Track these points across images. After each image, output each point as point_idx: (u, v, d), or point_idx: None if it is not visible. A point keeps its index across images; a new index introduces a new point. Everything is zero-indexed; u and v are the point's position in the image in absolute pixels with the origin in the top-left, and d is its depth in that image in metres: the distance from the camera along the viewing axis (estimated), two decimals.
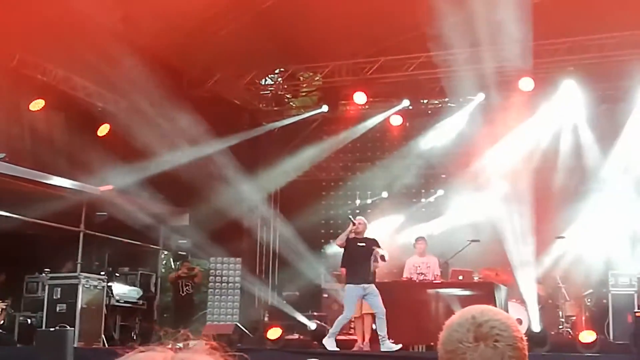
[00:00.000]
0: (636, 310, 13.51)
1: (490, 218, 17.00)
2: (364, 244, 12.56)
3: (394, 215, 17.74)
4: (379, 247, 12.52)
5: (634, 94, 15.35)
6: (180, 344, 1.59)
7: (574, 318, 14.84)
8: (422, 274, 13.74)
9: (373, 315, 12.73)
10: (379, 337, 12.12)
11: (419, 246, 14.10)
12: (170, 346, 1.58)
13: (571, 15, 13.28)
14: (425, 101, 17.25)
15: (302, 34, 14.90)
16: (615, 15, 12.89)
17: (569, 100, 15.56)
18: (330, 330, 12.51)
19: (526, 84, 15.06)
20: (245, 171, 15.84)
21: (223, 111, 16.22)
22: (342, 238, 12.83)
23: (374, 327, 12.55)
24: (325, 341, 12.27)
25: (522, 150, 16.18)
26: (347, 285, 12.39)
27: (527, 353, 2.06)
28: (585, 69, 15.12)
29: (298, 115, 17.50)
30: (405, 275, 14.00)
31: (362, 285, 12.31)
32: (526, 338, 2.09)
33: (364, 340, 12.91)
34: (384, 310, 12.12)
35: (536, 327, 14.24)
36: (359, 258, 12.46)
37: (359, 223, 12.76)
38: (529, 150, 16.18)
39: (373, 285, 12.38)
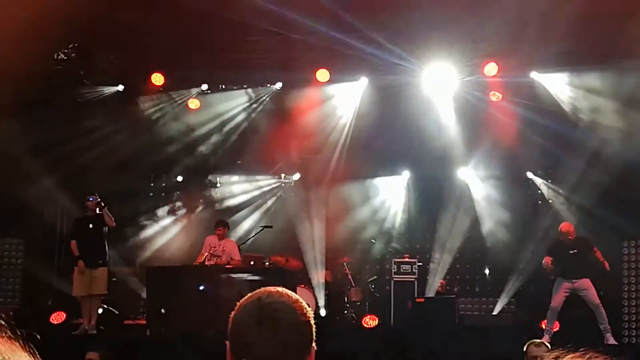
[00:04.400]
0: (416, 296, 14.37)
1: (284, 205, 17.41)
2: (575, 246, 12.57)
3: (192, 198, 17.63)
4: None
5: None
6: None
7: (359, 303, 15.49)
8: (216, 256, 13.76)
9: (99, 297, 12.77)
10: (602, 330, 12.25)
11: (217, 231, 14.13)
12: None
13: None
14: (223, 87, 17.14)
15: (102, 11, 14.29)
16: None
17: (360, 94, 16.07)
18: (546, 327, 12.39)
19: (322, 75, 15.38)
20: (32, 149, 14.99)
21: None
22: None
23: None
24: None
25: (315, 139, 16.58)
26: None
27: (313, 337, 2.05)
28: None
29: (92, 92, 16.81)
30: (203, 251, 13.92)
31: (571, 280, 12.46)
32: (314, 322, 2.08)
33: (90, 322, 12.76)
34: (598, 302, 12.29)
35: (322, 312, 14.82)
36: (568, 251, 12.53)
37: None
38: (322, 139, 16.58)
39: (582, 280, 12.41)
